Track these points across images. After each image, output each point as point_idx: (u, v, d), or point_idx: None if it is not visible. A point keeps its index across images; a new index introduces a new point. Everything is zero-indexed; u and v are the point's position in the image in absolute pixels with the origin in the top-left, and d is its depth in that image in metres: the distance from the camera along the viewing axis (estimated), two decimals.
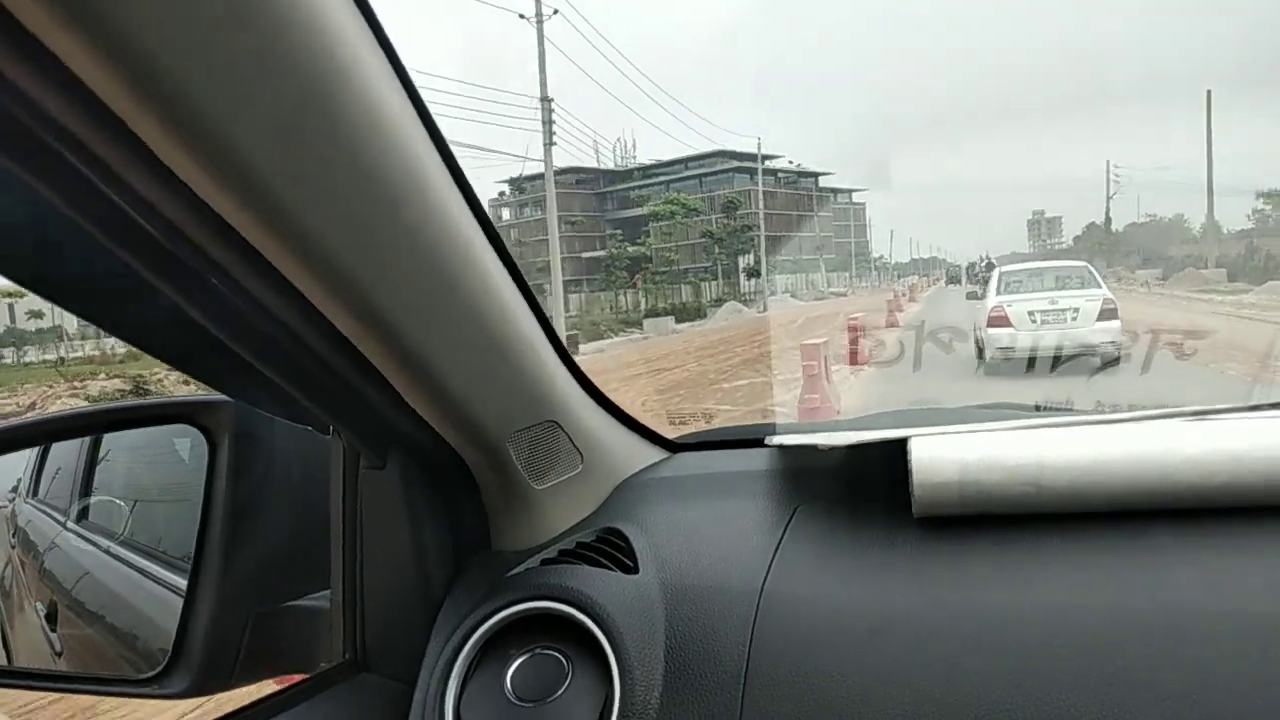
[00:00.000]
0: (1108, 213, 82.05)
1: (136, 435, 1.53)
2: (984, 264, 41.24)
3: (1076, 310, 13.36)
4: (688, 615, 1.09)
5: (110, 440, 1.59)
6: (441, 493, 1.19)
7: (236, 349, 0.92)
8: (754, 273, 67.13)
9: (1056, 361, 12.15)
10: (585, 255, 74.48)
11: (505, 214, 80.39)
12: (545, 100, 36.87)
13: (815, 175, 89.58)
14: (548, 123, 36.87)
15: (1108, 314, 13.15)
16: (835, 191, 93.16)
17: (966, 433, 1.16)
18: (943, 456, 1.12)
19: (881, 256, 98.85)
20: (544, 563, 1.18)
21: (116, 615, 1.52)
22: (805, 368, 10.40)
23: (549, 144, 37.22)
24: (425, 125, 0.88)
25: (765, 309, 50.44)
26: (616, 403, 1.41)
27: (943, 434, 1.16)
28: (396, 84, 0.83)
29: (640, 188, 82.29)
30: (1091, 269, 15.48)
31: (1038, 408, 1.45)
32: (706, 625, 1.07)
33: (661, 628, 1.08)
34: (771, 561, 1.13)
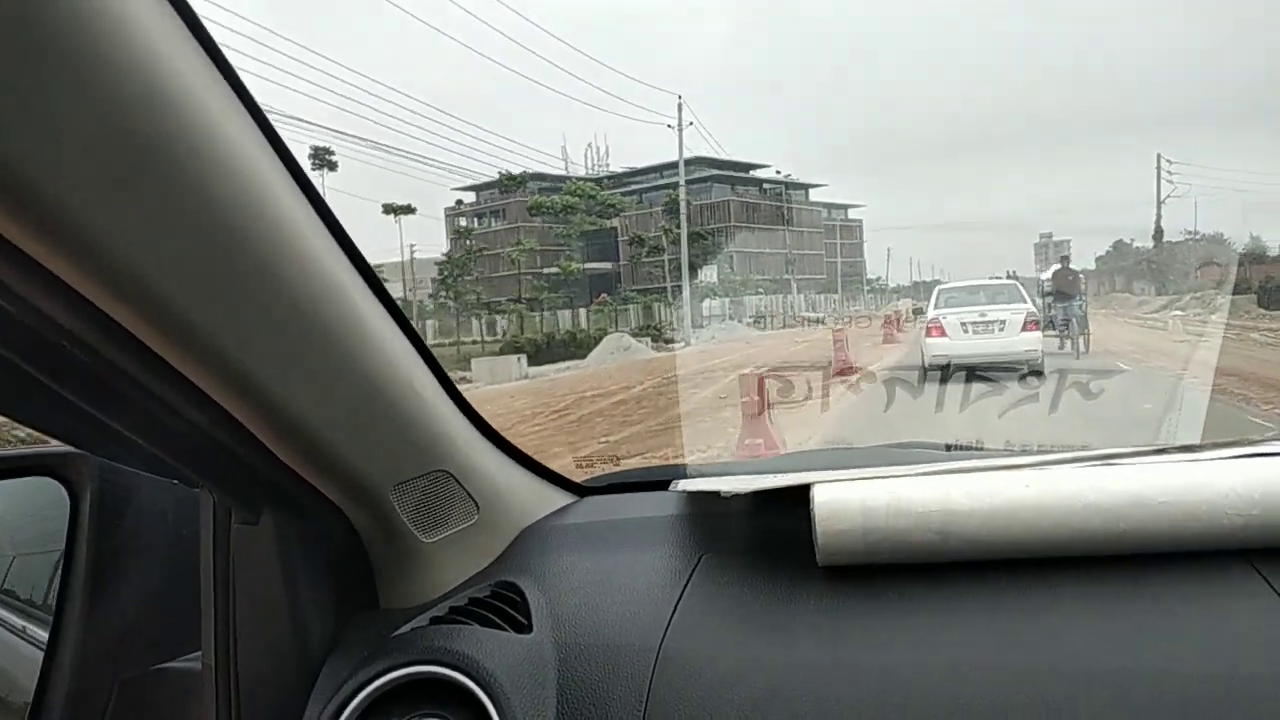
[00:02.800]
0: (1158, 221, 62.49)
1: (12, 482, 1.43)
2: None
3: (1003, 322, 14.45)
4: (581, 677, 1.03)
5: None
6: (321, 549, 1.12)
7: (85, 406, 0.85)
8: (710, 292, 58.53)
9: (980, 372, 12.96)
10: (546, 271, 64.48)
11: (462, 223, 70.17)
12: None
13: (805, 187, 78.66)
14: None
15: (1030, 325, 14.45)
16: (830, 206, 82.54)
17: (871, 478, 1.12)
18: (846, 502, 1.08)
19: (879, 278, 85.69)
20: (433, 621, 1.11)
21: None
22: (744, 405, 9.26)
23: None
24: (271, 144, 0.81)
25: (687, 343, 39.72)
26: (516, 444, 1.35)
27: (847, 479, 1.12)
28: (235, 102, 0.77)
29: (612, 196, 70.44)
30: (1020, 287, 16.44)
31: (948, 447, 1.42)
32: (600, 687, 1.02)
33: (554, 691, 1.03)
34: (672, 616, 1.08)
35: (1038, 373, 13.60)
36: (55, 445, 1.15)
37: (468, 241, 62.72)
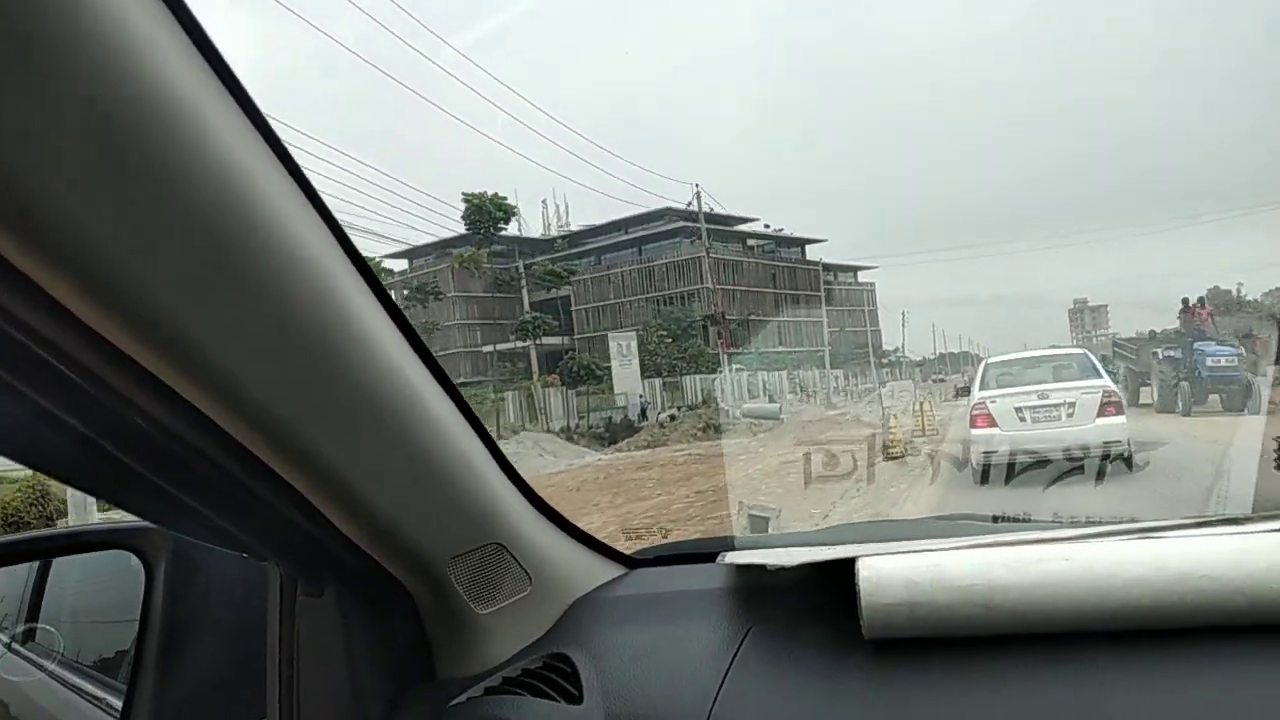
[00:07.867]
0: None
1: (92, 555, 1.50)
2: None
3: (1072, 405, 10.95)
4: None
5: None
6: (381, 620, 1.16)
7: (161, 482, 0.91)
8: (587, 373, 42.67)
9: (1049, 466, 9.46)
10: (486, 349, 53.43)
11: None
12: None
13: (801, 243, 63.58)
14: None
15: (1110, 408, 10.85)
16: (836, 268, 65.91)
17: (916, 551, 1.14)
18: (892, 575, 1.10)
19: (897, 349, 66.51)
20: (487, 691, 1.14)
21: None
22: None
23: None
24: (342, 245, 0.88)
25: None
26: (569, 518, 1.39)
27: (892, 553, 1.14)
28: (312, 213, 0.84)
29: (565, 259, 57.47)
30: (1091, 357, 12.72)
31: (995, 519, 1.43)
32: None
33: None
34: (720, 687, 1.10)
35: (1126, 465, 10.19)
36: (132, 520, 1.22)
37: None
